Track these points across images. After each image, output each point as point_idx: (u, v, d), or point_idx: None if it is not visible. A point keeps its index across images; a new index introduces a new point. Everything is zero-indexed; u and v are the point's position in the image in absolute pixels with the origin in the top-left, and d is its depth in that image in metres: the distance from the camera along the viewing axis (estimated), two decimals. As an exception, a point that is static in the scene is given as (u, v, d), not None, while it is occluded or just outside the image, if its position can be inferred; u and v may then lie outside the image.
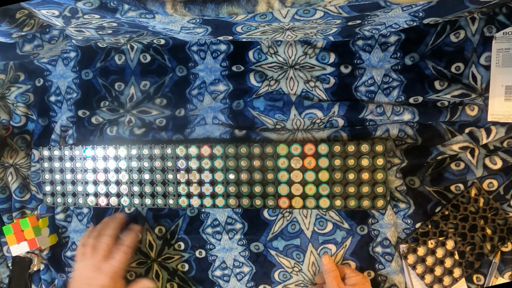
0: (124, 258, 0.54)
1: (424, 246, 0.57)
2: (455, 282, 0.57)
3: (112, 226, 0.57)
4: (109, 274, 0.53)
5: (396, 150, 0.56)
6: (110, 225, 0.57)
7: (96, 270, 0.53)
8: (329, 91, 0.59)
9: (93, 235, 0.57)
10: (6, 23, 0.48)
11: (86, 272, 0.54)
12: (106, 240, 0.55)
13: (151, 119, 0.64)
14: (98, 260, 0.54)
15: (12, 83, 0.67)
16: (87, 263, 0.54)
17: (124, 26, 0.52)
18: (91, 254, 0.55)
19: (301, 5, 0.37)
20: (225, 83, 0.62)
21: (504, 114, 0.52)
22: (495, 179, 0.55)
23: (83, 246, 0.57)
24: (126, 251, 0.55)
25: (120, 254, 0.54)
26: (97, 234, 0.57)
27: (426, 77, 0.56)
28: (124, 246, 0.56)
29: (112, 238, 0.56)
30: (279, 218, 0.61)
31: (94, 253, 0.55)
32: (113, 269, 0.53)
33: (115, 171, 0.61)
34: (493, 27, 0.54)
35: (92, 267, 0.53)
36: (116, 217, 0.60)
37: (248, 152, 0.57)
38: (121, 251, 0.55)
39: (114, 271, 0.53)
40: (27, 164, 0.68)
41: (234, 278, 0.63)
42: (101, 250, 0.54)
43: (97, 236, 0.57)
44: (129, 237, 0.57)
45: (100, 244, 0.55)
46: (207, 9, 0.39)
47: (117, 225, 0.58)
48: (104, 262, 0.54)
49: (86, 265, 0.55)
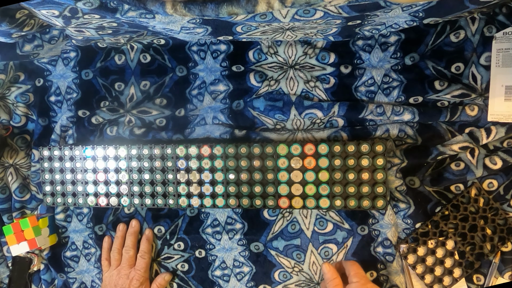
0: (145, 264, 0.63)
1: (424, 246, 0.57)
2: (455, 282, 0.57)
3: (131, 239, 0.64)
4: (139, 279, 0.62)
5: (396, 150, 0.56)
6: (130, 238, 0.64)
7: (127, 278, 0.62)
8: (329, 91, 0.59)
9: (115, 247, 0.64)
10: (6, 23, 0.48)
11: (117, 280, 0.62)
12: (129, 252, 0.63)
13: (151, 119, 0.64)
14: (125, 269, 0.63)
15: (12, 83, 0.67)
16: (116, 273, 0.63)
17: (124, 26, 0.52)
18: (117, 265, 0.64)
19: (301, 5, 0.37)
20: (225, 83, 0.62)
21: (504, 114, 0.52)
22: (495, 179, 0.55)
23: (106, 260, 0.65)
24: (145, 257, 0.63)
25: (141, 261, 0.63)
26: (119, 247, 0.64)
27: (426, 77, 0.56)
28: (142, 253, 0.63)
29: (134, 249, 0.64)
30: (279, 218, 0.61)
31: (122, 263, 0.63)
32: (140, 274, 0.62)
33: (115, 171, 0.61)
34: (493, 27, 0.54)
35: (123, 276, 0.62)
36: (133, 227, 0.64)
37: (248, 152, 0.57)
38: (141, 258, 0.63)
39: (141, 275, 0.62)
40: (27, 164, 0.68)
41: (234, 278, 0.63)
42: (125, 261, 0.63)
43: (119, 249, 0.64)
44: (144, 245, 0.64)
45: (125, 257, 0.63)
46: (207, 9, 0.39)
47: (136, 236, 0.64)
48: (131, 270, 0.63)
49: (116, 274, 0.63)
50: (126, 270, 0.62)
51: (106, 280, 0.64)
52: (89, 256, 0.67)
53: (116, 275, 0.63)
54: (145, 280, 0.62)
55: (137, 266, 0.62)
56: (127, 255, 0.63)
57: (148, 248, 0.63)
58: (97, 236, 0.66)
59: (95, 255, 0.67)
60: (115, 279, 0.62)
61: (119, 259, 0.64)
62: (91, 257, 0.67)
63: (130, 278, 0.62)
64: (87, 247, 0.67)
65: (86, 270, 0.68)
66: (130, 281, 0.62)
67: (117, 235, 0.65)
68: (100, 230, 0.66)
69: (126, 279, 0.62)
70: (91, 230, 0.67)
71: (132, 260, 0.63)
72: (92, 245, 0.67)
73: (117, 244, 0.64)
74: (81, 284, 0.68)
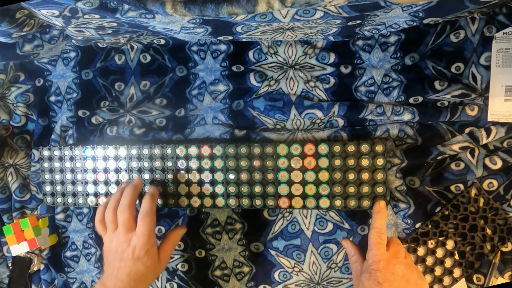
0: (147, 228, 0.52)
1: (424, 246, 0.57)
2: (455, 282, 0.57)
3: (128, 196, 0.54)
4: (142, 247, 0.51)
5: (396, 150, 0.56)
6: (126, 195, 0.54)
7: (128, 245, 0.52)
8: (329, 91, 0.59)
9: (110, 207, 0.54)
10: (6, 23, 0.48)
11: (117, 247, 0.52)
12: (124, 214, 0.52)
13: (151, 119, 0.64)
14: (123, 235, 0.52)
15: (12, 83, 0.67)
16: (115, 238, 0.53)
17: (124, 26, 0.52)
18: (114, 228, 0.54)
19: (301, 5, 0.37)
20: (225, 83, 0.62)
21: (504, 114, 0.52)
22: (495, 179, 0.55)
23: (100, 222, 0.55)
24: (146, 219, 0.52)
25: (142, 225, 0.52)
26: (114, 206, 0.54)
27: (426, 77, 0.56)
28: (143, 214, 0.53)
29: (130, 209, 0.53)
30: (279, 218, 0.61)
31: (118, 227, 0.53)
32: (143, 241, 0.51)
33: (115, 171, 0.61)
34: (493, 27, 0.54)
35: (123, 242, 0.52)
36: (133, 184, 0.56)
37: (248, 152, 0.57)
38: (141, 221, 0.52)
39: (145, 242, 0.52)
40: (27, 164, 0.68)
41: (234, 278, 0.63)
42: (121, 225, 0.53)
43: (115, 208, 0.54)
44: (147, 203, 0.53)
45: (120, 219, 0.53)
46: (207, 9, 0.39)
47: (134, 193, 0.55)
48: (132, 235, 0.52)
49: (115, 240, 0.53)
50: (124, 236, 0.52)
51: (106, 244, 0.54)
52: (89, 256, 0.67)
53: (116, 240, 0.53)
54: (151, 246, 0.52)
55: (139, 231, 0.52)
56: (121, 217, 0.52)
57: (151, 208, 0.53)
58: (97, 236, 0.66)
59: (95, 255, 0.67)
60: (115, 245, 0.52)
61: (115, 221, 0.53)
62: (91, 257, 0.67)
63: (132, 246, 0.51)
64: (87, 247, 0.67)
65: (86, 270, 0.68)
66: (132, 249, 0.51)
67: (115, 192, 0.56)
68: (100, 230, 0.66)
69: (127, 247, 0.52)
70: (91, 230, 0.67)
71: (129, 223, 0.52)
72: (92, 245, 0.67)
73: (112, 203, 0.54)
74: (81, 284, 0.68)
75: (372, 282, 0.48)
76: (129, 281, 0.51)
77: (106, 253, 0.54)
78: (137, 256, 0.51)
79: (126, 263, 0.51)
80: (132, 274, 0.51)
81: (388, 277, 0.48)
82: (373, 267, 0.49)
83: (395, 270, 0.48)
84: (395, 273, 0.48)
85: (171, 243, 0.57)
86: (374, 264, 0.49)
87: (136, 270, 0.51)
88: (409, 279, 0.48)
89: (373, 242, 0.51)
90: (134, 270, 0.51)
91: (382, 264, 0.49)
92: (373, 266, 0.49)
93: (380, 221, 0.52)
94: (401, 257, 0.50)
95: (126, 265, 0.51)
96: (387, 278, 0.48)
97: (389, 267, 0.49)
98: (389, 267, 0.49)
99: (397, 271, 0.48)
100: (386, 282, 0.47)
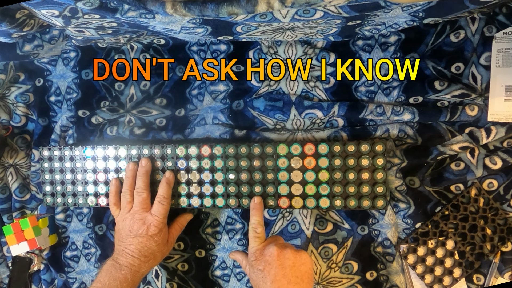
0: (164, 210, 0.56)
1: (424, 246, 0.57)
2: (455, 282, 0.57)
3: (143, 180, 0.57)
4: (157, 225, 0.55)
5: (396, 150, 0.56)
6: (141, 179, 0.58)
7: (143, 224, 0.55)
8: (329, 91, 0.59)
9: (126, 189, 0.58)
10: (6, 23, 0.48)
11: (131, 225, 0.56)
12: (142, 194, 0.57)
13: (151, 119, 0.64)
14: (139, 213, 0.56)
15: (12, 83, 0.67)
16: (129, 217, 0.56)
17: (124, 26, 0.52)
18: (129, 208, 0.57)
19: (301, 5, 0.37)
20: (225, 83, 0.62)
21: (504, 114, 0.52)
22: (495, 179, 0.55)
23: (115, 204, 0.59)
24: (164, 202, 0.57)
25: (160, 206, 0.56)
26: (130, 189, 0.58)
27: (426, 77, 0.56)
28: (161, 198, 0.57)
29: (147, 191, 0.57)
30: (279, 218, 0.61)
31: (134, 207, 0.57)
32: (159, 221, 0.56)
33: (115, 171, 0.61)
34: (493, 27, 0.54)
35: (138, 221, 0.56)
36: (143, 166, 0.59)
37: (248, 152, 0.57)
38: (160, 203, 0.56)
39: (160, 222, 0.56)
40: (27, 164, 0.68)
41: (234, 278, 0.63)
42: (138, 204, 0.56)
43: (130, 191, 0.58)
44: (164, 188, 0.57)
45: (138, 199, 0.57)
46: (207, 9, 0.39)
47: (148, 176, 0.58)
48: (147, 215, 0.56)
49: (130, 218, 0.56)
50: (140, 215, 0.56)
51: (119, 223, 0.58)
52: (89, 256, 0.67)
53: (130, 219, 0.56)
54: (163, 226, 0.57)
55: (155, 212, 0.56)
56: (140, 197, 0.57)
57: (168, 193, 0.57)
58: (97, 236, 0.66)
59: (95, 255, 0.67)
60: (129, 224, 0.56)
61: (132, 201, 0.57)
62: (91, 257, 0.67)
63: (148, 224, 0.55)
64: (87, 247, 0.67)
65: (86, 270, 0.68)
66: (147, 227, 0.55)
67: (126, 175, 0.59)
68: (100, 230, 0.66)
69: (142, 225, 0.55)
70: (91, 230, 0.67)
71: (146, 203, 0.57)
72: (92, 245, 0.67)
73: (127, 186, 0.58)
74: (81, 284, 0.68)
75: (256, 273, 0.50)
76: (140, 256, 0.55)
77: (119, 231, 0.57)
78: (152, 234, 0.55)
79: (139, 239, 0.55)
80: (144, 250, 0.55)
81: (267, 260, 0.50)
82: (252, 259, 0.52)
83: (269, 252, 0.50)
84: (272, 254, 0.50)
85: (179, 227, 0.60)
86: (252, 256, 0.52)
87: (148, 246, 0.55)
88: (286, 255, 0.49)
89: (250, 237, 0.54)
90: (146, 247, 0.55)
91: (258, 252, 0.51)
92: (252, 258, 0.52)
93: (255, 217, 0.54)
94: (273, 242, 0.52)
95: (139, 241, 0.55)
96: (266, 261, 0.50)
97: (264, 251, 0.51)
98: (264, 251, 0.51)
99: (271, 252, 0.50)
100: (266, 267, 0.49)
